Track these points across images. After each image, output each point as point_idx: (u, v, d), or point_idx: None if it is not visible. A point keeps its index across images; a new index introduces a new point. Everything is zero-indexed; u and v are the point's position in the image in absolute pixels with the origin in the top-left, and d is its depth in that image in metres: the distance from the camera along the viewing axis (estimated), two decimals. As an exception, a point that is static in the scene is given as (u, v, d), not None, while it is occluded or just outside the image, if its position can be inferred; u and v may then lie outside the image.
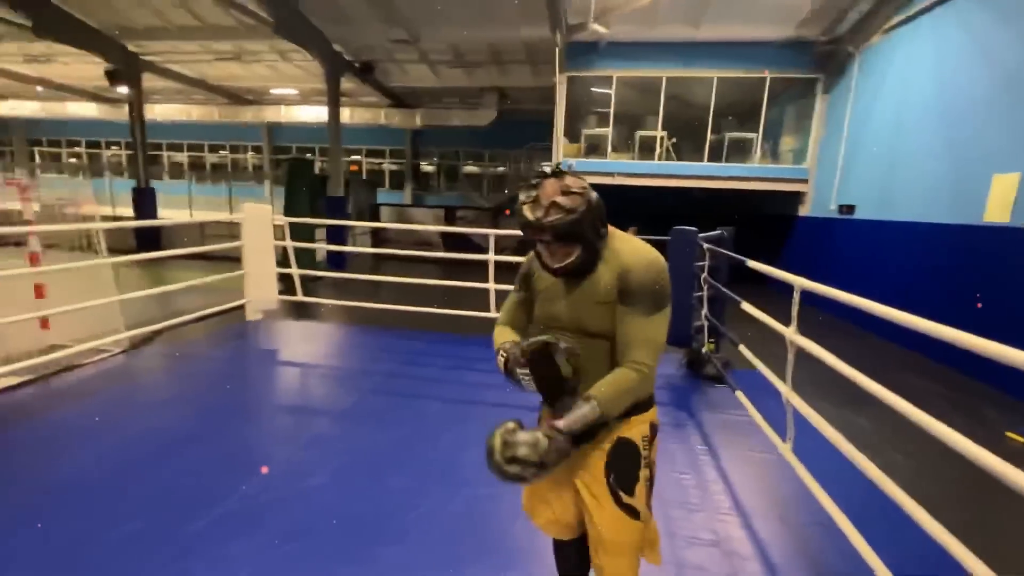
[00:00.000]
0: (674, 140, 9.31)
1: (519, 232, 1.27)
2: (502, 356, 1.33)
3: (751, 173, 8.84)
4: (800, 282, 2.17)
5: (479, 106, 13.71)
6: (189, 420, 3.07)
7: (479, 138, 15.84)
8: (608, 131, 9.22)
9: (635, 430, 1.32)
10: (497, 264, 4.90)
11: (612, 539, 1.30)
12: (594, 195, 1.20)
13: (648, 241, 1.31)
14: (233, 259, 5.42)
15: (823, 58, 8.09)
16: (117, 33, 10.01)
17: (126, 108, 11.38)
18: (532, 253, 1.40)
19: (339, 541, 2.02)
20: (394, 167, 17.81)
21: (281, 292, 5.54)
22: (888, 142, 6.48)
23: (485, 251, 4.92)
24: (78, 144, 19.70)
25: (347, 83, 11.40)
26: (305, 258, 7.27)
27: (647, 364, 1.22)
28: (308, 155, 17.70)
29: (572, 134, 9.63)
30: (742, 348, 3.20)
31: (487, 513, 2.25)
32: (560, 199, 1.17)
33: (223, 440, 2.84)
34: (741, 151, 9.26)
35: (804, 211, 8.78)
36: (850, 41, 7.39)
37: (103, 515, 2.11)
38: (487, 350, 4.87)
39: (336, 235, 10.15)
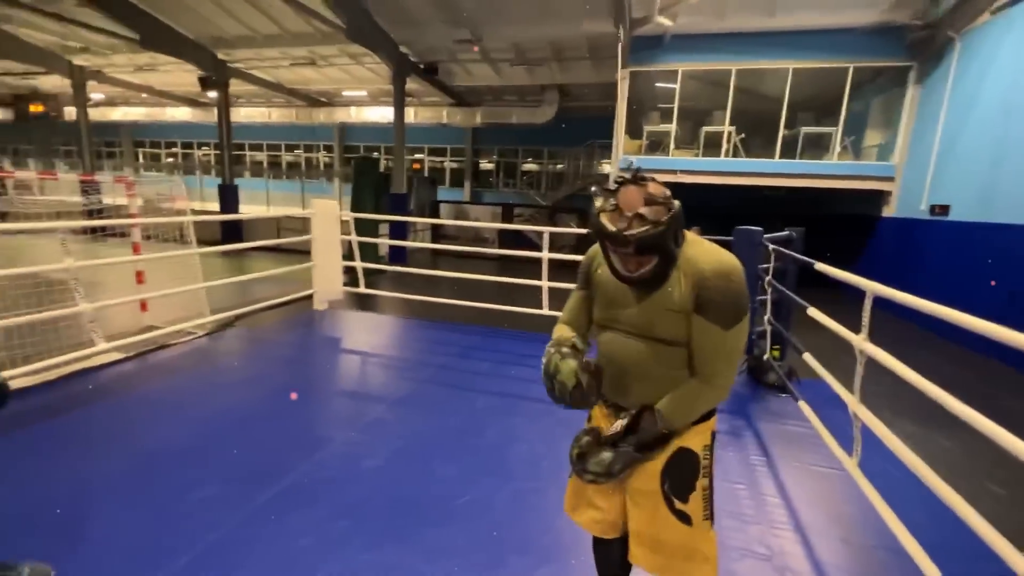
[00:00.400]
0: (742, 136, 8.87)
1: (577, 231, 1.28)
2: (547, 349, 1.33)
3: (829, 170, 8.23)
4: (873, 287, 2.01)
5: (539, 103, 13.72)
6: (261, 399, 3.32)
7: (538, 135, 15.85)
8: (671, 127, 8.93)
9: (696, 439, 1.28)
10: (551, 262, 4.90)
11: (652, 535, 1.28)
12: (676, 203, 1.14)
13: (711, 242, 1.26)
14: (303, 252, 5.78)
15: (917, 44, 7.39)
16: (209, 43, 10.93)
17: (215, 112, 12.42)
18: (595, 249, 1.36)
19: (389, 520, 2.12)
20: (454, 165, 18.21)
21: (346, 284, 5.84)
22: (993, 135, 5.82)
23: (540, 248, 4.93)
24: (174, 145, 21.71)
25: (412, 84, 11.78)
26: (369, 252, 7.61)
27: (724, 378, 1.20)
28: (374, 154, 18.48)
29: (633, 130, 9.41)
30: (807, 356, 3.01)
31: (531, 507, 2.28)
32: (644, 210, 1.10)
33: (290, 419, 3.05)
34: (817, 147, 8.66)
35: (888, 212, 8.07)
36: (949, 24, 6.69)
37: (185, 479, 2.34)
38: (538, 347, 4.86)
39: (398, 231, 10.55)
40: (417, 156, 18.27)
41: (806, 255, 3.41)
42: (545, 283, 4.84)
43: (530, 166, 17.38)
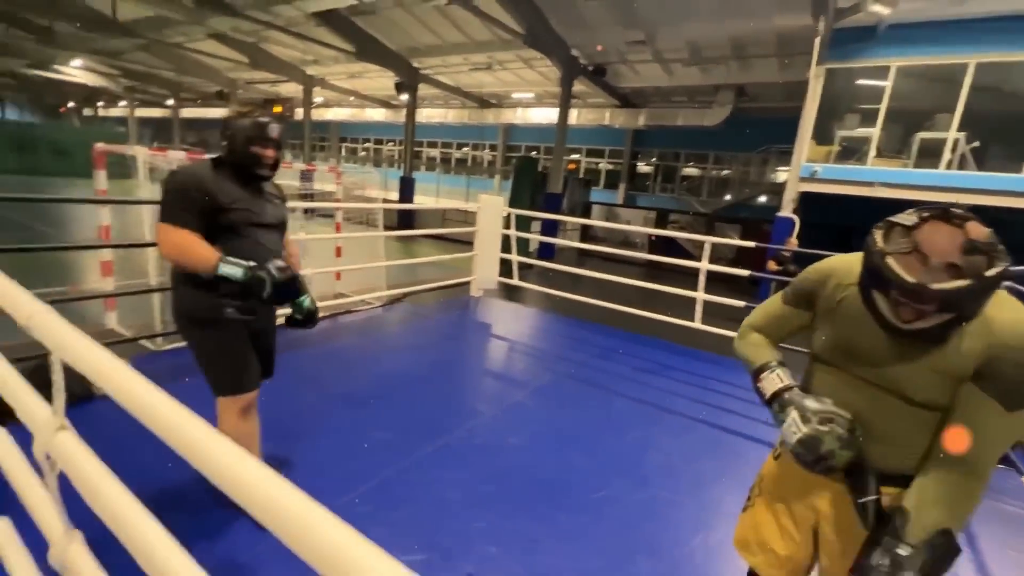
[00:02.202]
0: (975, 144, 7.25)
1: (739, 243, 1.15)
2: (772, 385, 1.13)
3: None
4: None
5: (710, 104, 12.89)
6: (423, 367, 3.78)
7: (705, 138, 14.90)
8: (874, 131, 7.69)
9: None
10: (709, 274, 4.64)
11: None
12: (1002, 250, 0.87)
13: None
14: (461, 241, 6.34)
15: None
16: (407, 53, 12.50)
17: (402, 113, 14.19)
18: (831, 266, 1.15)
19: (526, 496, 2.28)
20: (610, 167, 18.07)
21: (499, 275, 6.26)
22: None
23: (695, 258, 4.70)
24: (368, 141, 25.28)
25: (578, 85, 12.01)
26: (520, 246, 8.00)
27: (986, 468, 0.96)
28: (534, 153, 19.25)
29: (821, 135, 8.32)
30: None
31: (665, 517, 2.24)
32: (961, 259, 0.85)
33: (446, 387, 3.43)
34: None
35: None
36: None
37: (365, 422, 2.80)
38: (683, 359, 4.66)
39: (549, 228, 10.89)
40: (574, 156, 18.55)
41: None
42: (701, 295, 4.60)
43: (691, 170, 16.44)
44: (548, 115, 15.84)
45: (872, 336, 1.03)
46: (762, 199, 14.27)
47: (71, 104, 29.30)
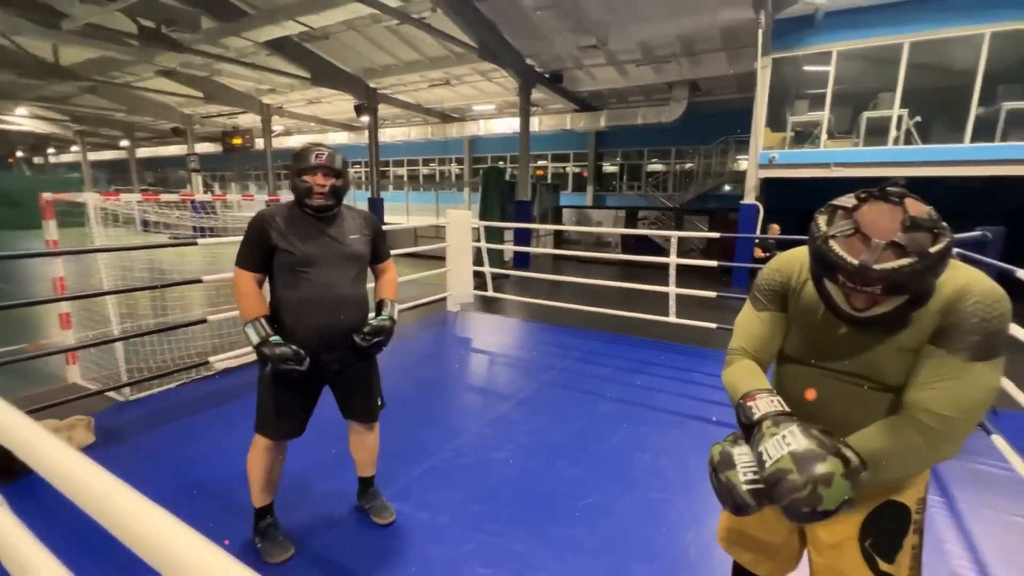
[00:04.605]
0: (918, 119, 7.58)
1: (707, 234, 1.12)
2: (770, 406, 0.97)
3: (1043, 153, 6.65)
4: (1104, 301, 1.62)
5: (666, 102, 13.18)
6: (405, 388, 3.71)
7: (665, 135, 15.21)
8: (823, 115, 7.97)
9: (910, 492, 1.04)
10: (679, 268, 4.71)
11: None
12: (946, 227, 0.84)
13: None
14: (434, 257, 6.30)
15: None
16: (363, 74, 12.45)
17: (365, 134, 14.11)
18: (790, 260, 1.12)
19: (516, 512, 2.25)
20: (576, 170, 18.28)
21: (475, 288, 6.24)
22: None
23: (667, 253, 4.77)
24: (334, 165, 25.08)
25: (537, 93, 12.14)
26: (495, 257, 8.01)
27: (946, 420, 0.88)
28: (500, 163, 19.35)
29: (775, 122, 8.58)
30: (1006, 381, 2.50)
31: (657, 518, 2.24)
32: (902, 237, 0.82)
33: (430, 407, 3.38)
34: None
35: None
36: None
37: (347, 451, 2.72)
38: (663, 354, 4.69)
39: (522, 236, 10.93)
40: (540, 163, 18.71)
41: (1007, 260, 2.83)
42: (672, 289, 4.66)
43: (655, 167, 16.74)
44: (511, 124, 15.94)
45: (830, 326, 1.02)
46: (727, 188, 14.62)
47: (19, 153, 28.30)
